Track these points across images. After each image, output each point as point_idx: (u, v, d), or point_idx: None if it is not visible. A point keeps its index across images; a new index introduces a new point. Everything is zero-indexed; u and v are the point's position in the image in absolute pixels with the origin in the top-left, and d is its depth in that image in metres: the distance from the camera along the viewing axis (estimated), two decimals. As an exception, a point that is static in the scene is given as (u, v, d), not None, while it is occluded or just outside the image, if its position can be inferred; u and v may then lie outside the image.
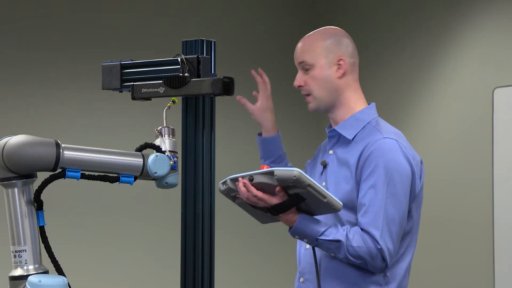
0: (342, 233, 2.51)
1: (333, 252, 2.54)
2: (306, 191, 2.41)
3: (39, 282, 2.17)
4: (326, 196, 2.42)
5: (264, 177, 2.43)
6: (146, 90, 2.57)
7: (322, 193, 2.42)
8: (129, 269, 5.68)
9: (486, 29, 5.36)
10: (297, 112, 6.44)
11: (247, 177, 2.46)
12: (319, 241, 2.52)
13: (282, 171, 2.40)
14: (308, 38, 2.71)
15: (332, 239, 2.51)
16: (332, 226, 2.53)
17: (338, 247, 2.51)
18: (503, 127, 5.17)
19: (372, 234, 2.52)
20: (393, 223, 2.53)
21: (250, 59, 6.26)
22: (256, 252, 6.15)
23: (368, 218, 2.53)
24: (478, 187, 5.30)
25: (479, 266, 5.27)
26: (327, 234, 2.51)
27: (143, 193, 5.56)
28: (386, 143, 2.58)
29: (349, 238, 2.51)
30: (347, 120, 2.68)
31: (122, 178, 2.36)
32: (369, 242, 2.52)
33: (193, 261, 2.56)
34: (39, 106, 5.45)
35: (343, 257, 2.53)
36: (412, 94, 5.85)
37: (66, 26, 5.55)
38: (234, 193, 2.53)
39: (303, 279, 2.69)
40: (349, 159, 2.61)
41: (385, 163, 2.55)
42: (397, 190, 2.55)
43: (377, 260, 2.53)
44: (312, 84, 2.66)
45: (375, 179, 2.54)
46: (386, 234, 2.52)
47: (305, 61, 2.66)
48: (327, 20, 6.33)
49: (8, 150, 2.20)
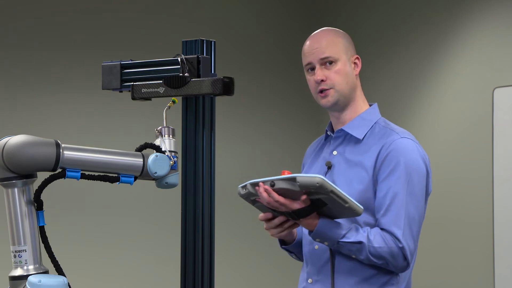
0: (363, 235, 2.51)
1: (354, 254, 2.53)
2: (328, 197, 2.39)
3: (39, 282, 2.17)
4: (348, 201, 2.41)
5: (286, 183, 2.40)
6: (146, 90, 2.57)
7: (344, 198, 2.40)
8: (129, 269, 5.68)
9: (486, 29, 5.36)
10: (297, 112, 6.44)
11: (268, 182, 2.43)
12: (340, 244, 2.51)
13: (305, 178, 2.37)
14: (327, 34, 2.70)
15: (354, 241, 2.51)
16: (353, 229, 2.52)
17: (359, 249, 2.51)
18: (503, 127, 5.17)
19: (394, 233, 2.53)
20: (414, 222, 2.56)
21: (250, 59, 6.26)
22: (256, 252, 6.15)
23: (389, 218, 2.54)
24: (478, 187, 5.30)
25: (479, 266, 5.27)
26: (348, 237, 2.51)
27: (143, 193, 5.56)
28: (403, 143, 2.60)
29: (370, 239, 2.51)
30: (354, 120, 2.68)
31: (122, 178, 2.37)
32: (390, 242, 2.52)
33: (193, 261, 2.56)
34: (39, 106, 5.45)
35: (365, 258, 2.53)
36: (412, 94, 5.85)
37: (66, 26, 5.55)
38: (254, 197, 2.49)
39: (311, 280, 2.67)
40: (363, 160, 2.61)
41: (404, 163, 2.56)
42: (416, 190, 2.57)
43: (399, 259, 2.54)
44: (335, 78, 2.64)
45: (395, 179, 2.55)
46: (408, 233, 2.54)
47: (330, 56, 2.64)
48: (327, 20, 6.33)
49: (8, 150, 2.20)
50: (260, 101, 6.32)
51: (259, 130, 6.31)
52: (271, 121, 6.36)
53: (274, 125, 6.37)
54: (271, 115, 6.36)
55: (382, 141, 2.62)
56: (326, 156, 2.73)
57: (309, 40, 2.71)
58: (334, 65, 2.65)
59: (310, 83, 2.69)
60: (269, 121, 6.35)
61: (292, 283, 3.24)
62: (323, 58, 2.64)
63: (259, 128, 6.31)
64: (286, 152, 6.27)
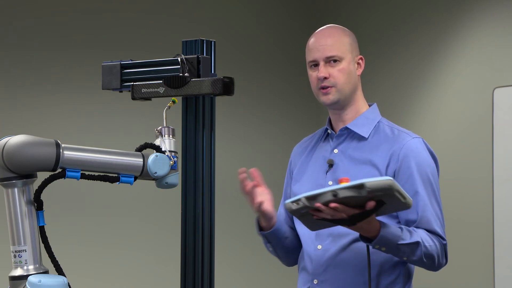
0: (417, 234, 2.51)
1: (406, 256, 2.50)
2: (391, 195, 2.30)
3: (39, 282, 2.17)
4: (406, 196, 2.34)
5: (351, 191, 2.28)
6: (146, 90, 2.57)
7: (403, 194, 2.33)
8: (129, 269, 5.68)
9: (486, 29, 5.36)
10: (297, 112, 6.44)
11: (329, 193, 2.30)
12: (398, 247, 2.47)
13: (375, 182, 2.26)
14: (334, 32, 2.68)
15: (410, 242, 2.48)
16: (404, 229, 2.49)
17: (414, 250, 2.49)
18: (503, 127, 5.17)
19: (436, 231, 2.56)
20: (442, 219, 2.61)
21: (250, 59, 6.26)
22: (256, 252, 6.14)
23: (425, 218, 2.56)
24: (478, 187, 5.30)
25: (479, 266, 5.27)
26: (404, 238, 2.48)
27: (143, 193, 5.56)
28: (416, 143, 2.63)
29: (422, 239, 2.51)
30: (358, 119, 2.68)
31: (122, 178, 2.36)
32: (436, 240, 2.55)
33: (193, 261, 2.56)
34: (39, 106, 5.45)
35: (417, 258, 2.51)
36: (412, 94, 5.85)
37: (66, 26, 5.55)
38: (306, 210, 2.36)
39: (317, 280, 2.64)
40: (373, 158, 2.61)
41: (420, 163, 2.59)
42: (435, 188, 2.62)
43: (442, 256, 2.58)
44: (338, 77, 2.63)
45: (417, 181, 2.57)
46: (443, 231, 2.60)
47: (336, 55, 2.63)
48: (327, 20, 6.30)
49: (8, 150, 2.20)
50: (260, 101, 6.32)
51: (259, 130, 6.31)
52: (271, 121, 6.36)
53: (274, 125, 6.37)
54: (271, 115, 6.36)
55: (394, 142, 2.62)
56: (325, 154, 2.71)
57: (315, 36, 2.68)
58: (338, 64, 2.64)
59: (312, 78, 2.67)
60: (269, 121, 6.35)
61: (292, 283, 3.24)
62: (329, 56, 2.63)
63: (259, 128, 6.31)
64: (286, 152, 6.23)
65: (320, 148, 2.75)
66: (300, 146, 2.85)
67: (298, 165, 2.79)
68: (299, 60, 6.33)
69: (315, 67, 2.66)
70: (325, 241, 2.61)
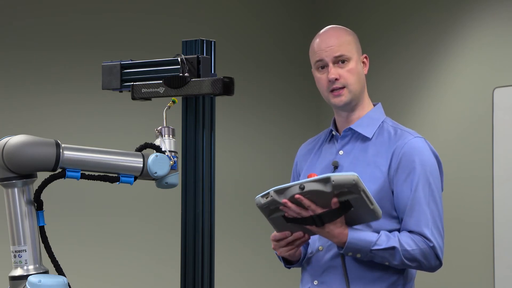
0: (394, 239, 2.49)
1: (387, 261, 2.50)
2: (358, 196, 2.31)
3: (39, 282, 2.17)
4: (373, 203, 2.34)
5: (318, 184, 2.30)
6: (146, 90, 2.57)
7: (371, 199, 2.34)
8: (129, 269, 5.68)
9: (486, 29, 5.36)
10: (297, 112, 6.44)
11: (296, 186, 2.33)
12: (373, 253, 2.48)
13: (340, 176, 2.28)
14: (338, 32, 2.66)
15: (386, 247, 2.48)
16: (382, 235, 2.49)
17: (393, 254, 2.49)
18: (503, 127, 5.17)
19: (423, 234, 2.52)
20: (439, 220, 2.58)
21: (250, 59, 6.26)
22: (256, 252, 6.15)
23: (415, 218, 2.53)
24: (478, 187, 5.30)
25: (479, 266, 5.27)
26: (380, 243, 2.48)
27: (143, 193, 5.56)
28: (418, 143, 2.60)
29: (401, 243, 2.50)
30: (362, 119, 2.66)
31: (122, 178, 2.36)
32: (421, 243, 2.52)
33: (193, 261, 2.56)
34: (39, 106, 5.45)
35: (399, 263, 2.50)
36: (412, 94, 5.85)
37: (66, 26, 5.55)
38: (275, 206, 2.38)
39: (317, 281, 2.63)
40: (376, 160, 2.59)
41: (421, 163, 2.57)
42: (434, 188, 2.59)
43: (431, 259, 2.55)
44: (349, 77, 2.61)
45: (414, 179, 2.55)
46: (436, 232, 2.55)
47: (344, 54, 2.61)
48: (327, 20, 6.32)
49: (8, 150, 2.20)
50: (260, 101, 6.32)
51: (259, 130, 6.31)
52: (271, 121, 6.36)
53: (274, 125, 6.37)
54: (271, 115, 6.36)
55: (396, 141, 2.60)
56: (330, 156, 2.68)
57: (320, 38, 2.66)
58: (347, 64, 2.61)
59: (321, 81, 2.63)
60: (269, 121, 6.35)
61: (292, 283, 3.24)
62: (337, 56, 2.60)
63: (259, 128, 6.31)
64: (286, 152, 6.26)
65: (325, 150, 2.72)
66: (305, 147, 2.82)
67: (305, 166, 2.76)
68: (299, 60, 6.35)
69: (323, 69, 2.63)
70: (327, 243, 2.60)
